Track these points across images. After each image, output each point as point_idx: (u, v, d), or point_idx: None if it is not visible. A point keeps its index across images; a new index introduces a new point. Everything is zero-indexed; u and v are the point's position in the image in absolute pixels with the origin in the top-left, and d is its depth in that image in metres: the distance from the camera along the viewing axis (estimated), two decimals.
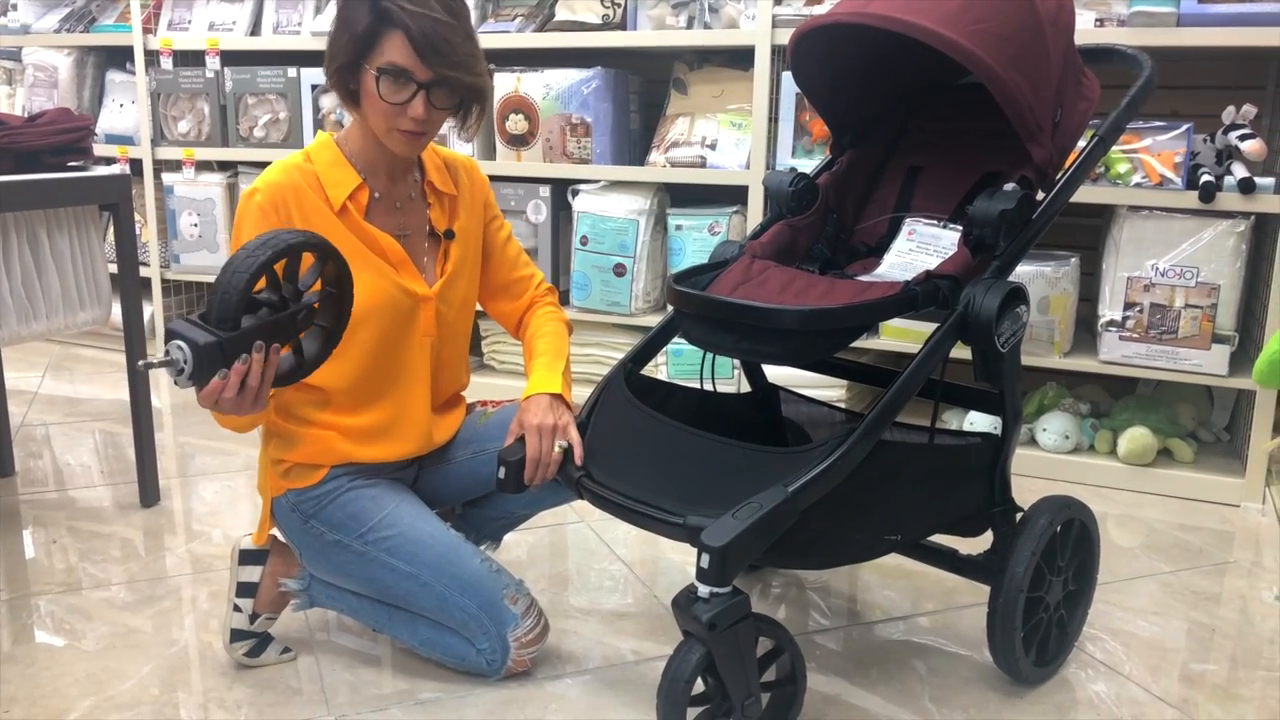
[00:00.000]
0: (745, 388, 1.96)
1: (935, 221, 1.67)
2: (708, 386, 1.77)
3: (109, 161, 3.73)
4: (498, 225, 1.80)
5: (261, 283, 1.33)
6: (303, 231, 1.37)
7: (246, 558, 1.71)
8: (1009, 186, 1.50)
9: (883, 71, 1.74)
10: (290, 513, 1.67)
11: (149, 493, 2.37)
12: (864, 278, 1.62)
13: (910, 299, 1.42)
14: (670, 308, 1.57)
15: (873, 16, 1.46)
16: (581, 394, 2.88)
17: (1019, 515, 1.64)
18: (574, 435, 1.58)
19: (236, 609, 1.69)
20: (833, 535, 1.44)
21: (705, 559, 1.25)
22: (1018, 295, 1.45)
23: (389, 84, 1.50)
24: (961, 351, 1.49)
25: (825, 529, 1.40)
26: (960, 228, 1.59)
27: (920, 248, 1.65)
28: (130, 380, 2.30)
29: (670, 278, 1.56)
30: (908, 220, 1.70)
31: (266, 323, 1.33)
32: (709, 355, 1.73)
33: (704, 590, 1.26)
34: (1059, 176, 1.57)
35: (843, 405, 2.47)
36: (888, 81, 1.78)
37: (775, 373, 1.98)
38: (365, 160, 1.63)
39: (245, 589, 1.70)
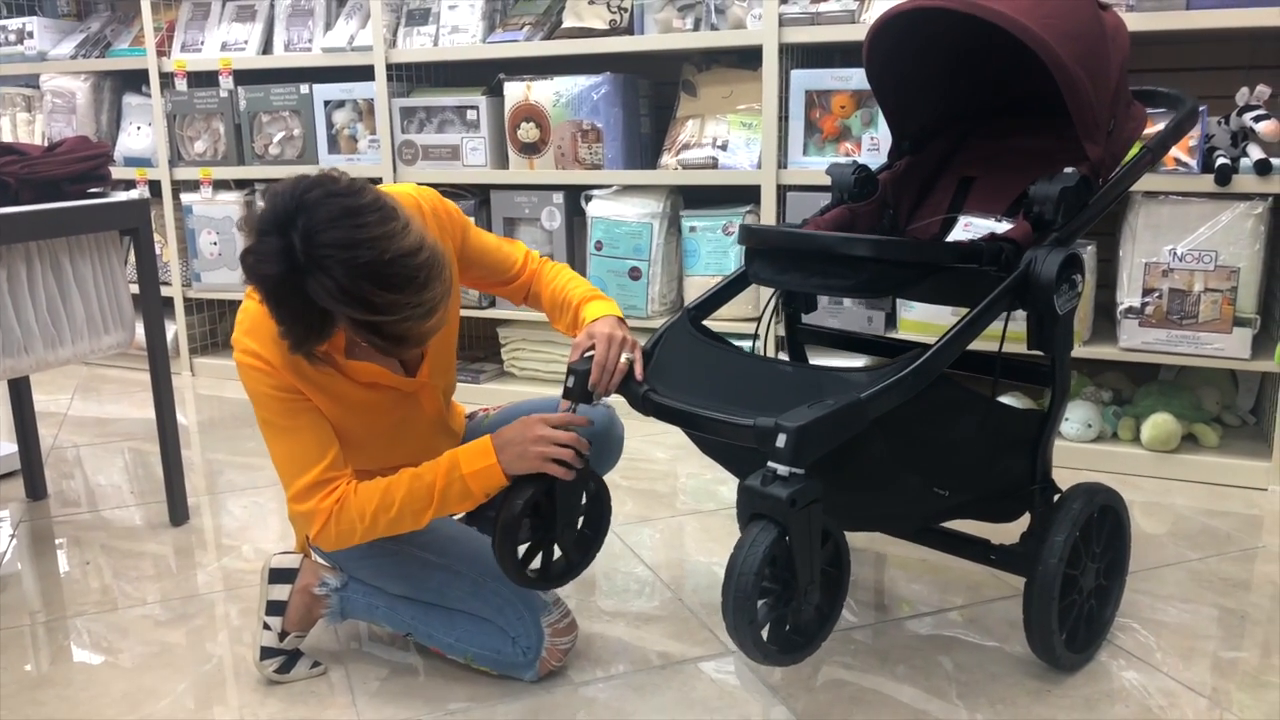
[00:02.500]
0: None
1: (991, 216, 1.72)
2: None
3: (129, 185, 3.78)
4: (468, 237, 1.72)
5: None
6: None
7: (276, 576, 1.73)
8: (1069, 170, 1.54)
9: (947, 82, 1.81)
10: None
11: (178, 511, 2.40)
12: None
13: (976, 252, 1.47)
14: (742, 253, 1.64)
15: (957, 1, 1.51)
16: None
17: (1056, 497, 1.65)
18: (639, 352, 1.59)
19: (266, 627, 1.72)
20: (889, 466, 1.46)
21: (782, 439, 1.27)
22: (1076, 262, 1.51)
23: (365, 345, 1.44)
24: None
25: (883, 455, 1.42)
26: (1013, 222, 1.63)
27: (975, 236, 1.68)
28: (156, 400, 2.33)
29: (742, 226, 1.63)
30: (963, 216, 1.75)
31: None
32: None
33: (783, 470, 1.28)
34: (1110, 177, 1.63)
35: None
36: (950, 94, 1.84)
37: (819, 358, 2.05)
38: None
39: (274, 607, 1.72)
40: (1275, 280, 2.56)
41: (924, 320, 2.74)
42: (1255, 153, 2.40)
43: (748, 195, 2.98)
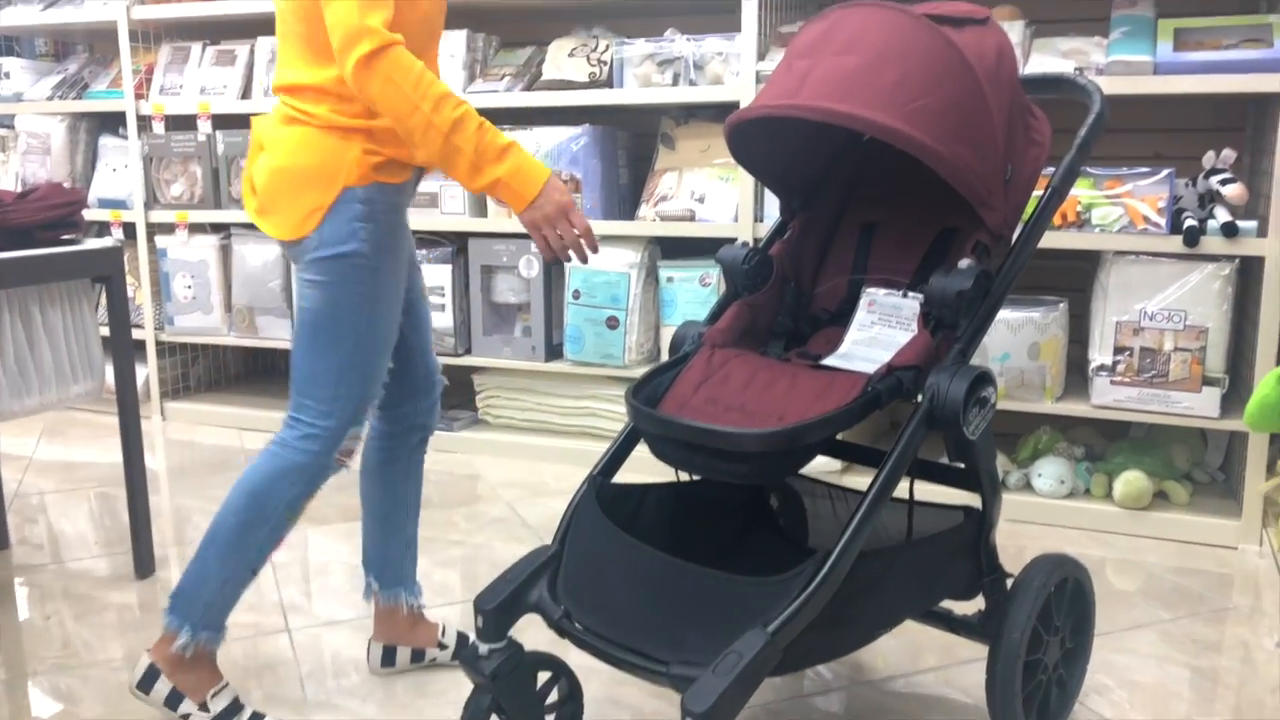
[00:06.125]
0: None
1: (895, 291, 1.66)
2: (683, 477, 1.72)
3: (103, 227, 3.76)
4: None
5: None
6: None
7: (148, 683, 1.66)
8: (964, 263, 1.48)
9: (826, 136, 1.72)
10: (358, 205, 1.60)
11: (144, 563, 2.36)
12: (829, 360, 1.61)
13: (873, 399, 1.42)
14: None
15: (805, 109, 1.45)
16: (578, 447, 2.84)
17: (1010, 580, 1.63)
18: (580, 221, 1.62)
19: (186, 717, 1.66)
20: (823, 648, 1.44)
21: None
22: (983, 380, 1.44)
23: None
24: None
25: (813, 645, 1.39)
26: (920, 296, 1.59)
27: (882, 319, 1.64)
28: (125, 452, 2.29)
29: (628, 391, 1.53)
30: (867, 290, 1.68)
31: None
32: None
33: None
34: (1017, 234, 1.57)
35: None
36: (832, 143, 1.76)
37: None
38: None
39: (172, 699, 1.66)
40: (1242, 340, 2.59)
41: None
42: (1222, 215, 2.45)
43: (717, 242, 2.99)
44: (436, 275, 3.25)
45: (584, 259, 1.64)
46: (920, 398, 1.47)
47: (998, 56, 1.58)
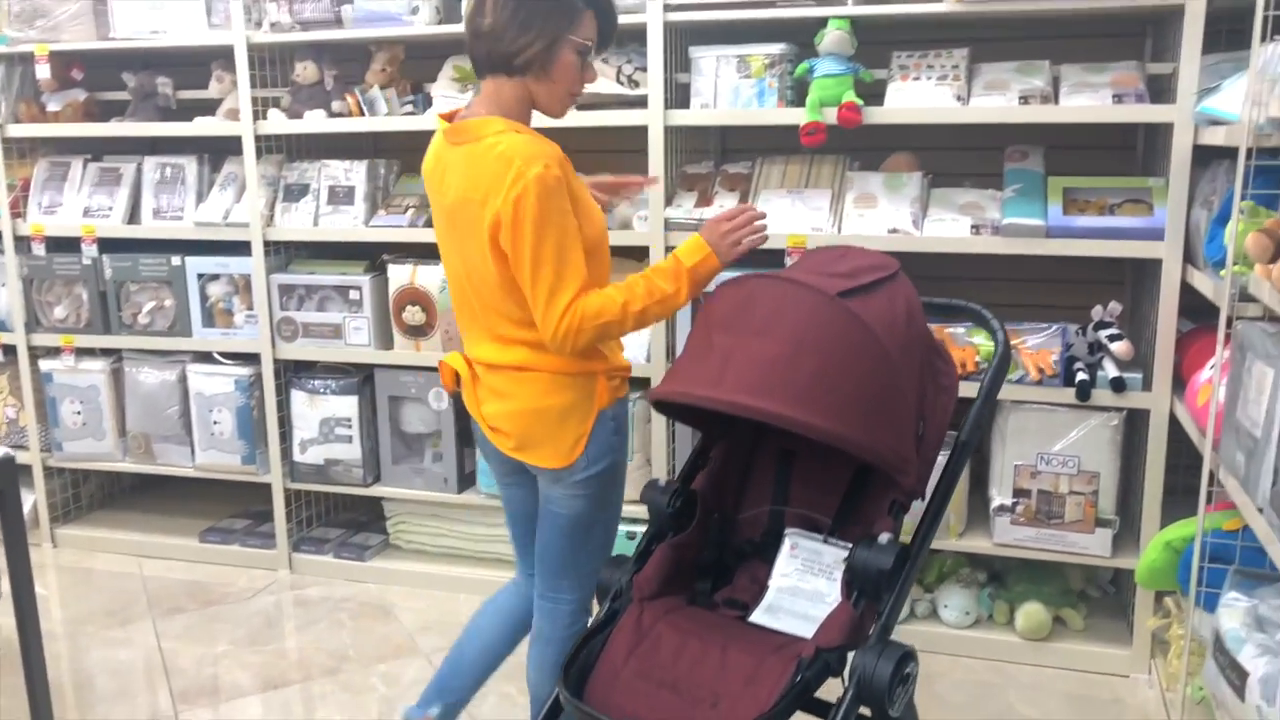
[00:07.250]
0: None
1: (816, 535, 1.72)
2: None
3: None
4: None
5: None
6: None
7: None
8: (884, 538, 1.54)
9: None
10: (610, 422, 1.89)
11: None
12: (756, 616, 1.67)
13: (803, 689, 1.47)
14: None
15: (725, 403, 1.52)
16: (493, 577, 2.78)
17: None
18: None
19: None
20: None
21: None
22: (907, 659, 1.50)
23: (586, 57, 1.82)
24: None
25: None
26: (841, 545, 1.66)
27: (805, 566, 1.70)
28: (26, 670, 2.18)
29: (561, 671, 1.57)
30: (789, 531, 1.74)
31: None
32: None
33: None
34: (929, 495, 1.66)
35: None
36: None
37: None
38: None
39: None
40: (1134, 481, 2.73)
41: None
42: (1111, 369, 2.57)
43: (638, 384, 3.01)
44: (342, 406, 3.19)
45: (763, 234, 1.94)
46: (846, 677, 1.52)
47: (907, 318, 1.64)
